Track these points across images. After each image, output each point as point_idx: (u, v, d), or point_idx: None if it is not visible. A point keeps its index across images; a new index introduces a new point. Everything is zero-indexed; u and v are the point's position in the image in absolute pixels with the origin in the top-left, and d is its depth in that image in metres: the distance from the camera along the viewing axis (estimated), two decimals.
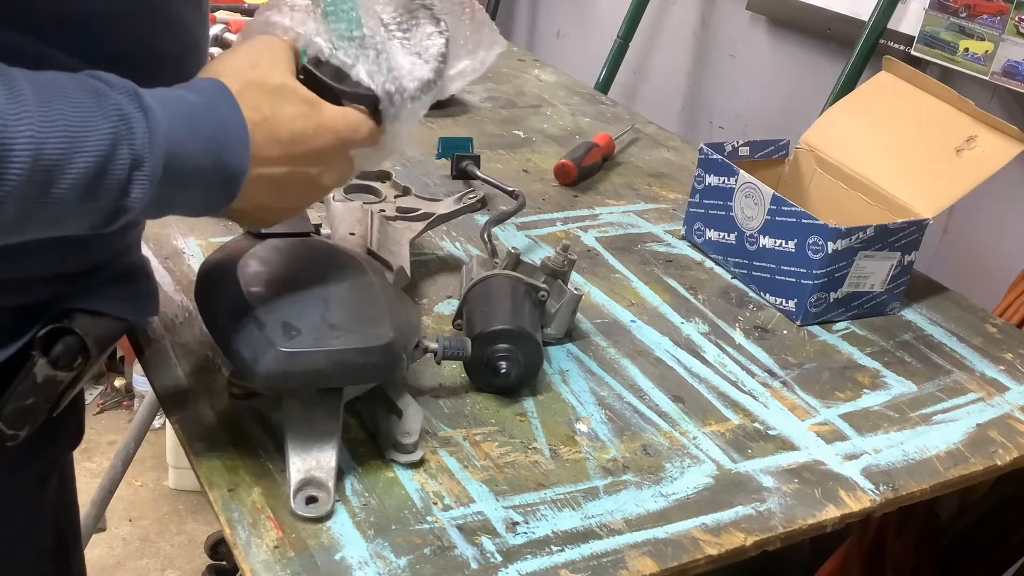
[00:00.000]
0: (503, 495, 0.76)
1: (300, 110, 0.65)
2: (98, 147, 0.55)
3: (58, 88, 0.56)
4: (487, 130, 1.51)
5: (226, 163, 0.62)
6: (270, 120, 0.64)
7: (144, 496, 2.19)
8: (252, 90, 0.64)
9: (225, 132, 0.62)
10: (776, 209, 1.07)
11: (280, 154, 0.65)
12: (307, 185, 0.68)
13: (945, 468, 0.86)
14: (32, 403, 0.68)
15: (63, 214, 0.57)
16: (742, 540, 0.74)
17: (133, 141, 0.56)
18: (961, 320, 1.12)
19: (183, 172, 0.59)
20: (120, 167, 0.56)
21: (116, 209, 0.58)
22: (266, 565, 0.66)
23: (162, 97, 0.60)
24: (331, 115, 0.67)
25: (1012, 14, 1.49)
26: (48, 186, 0.54)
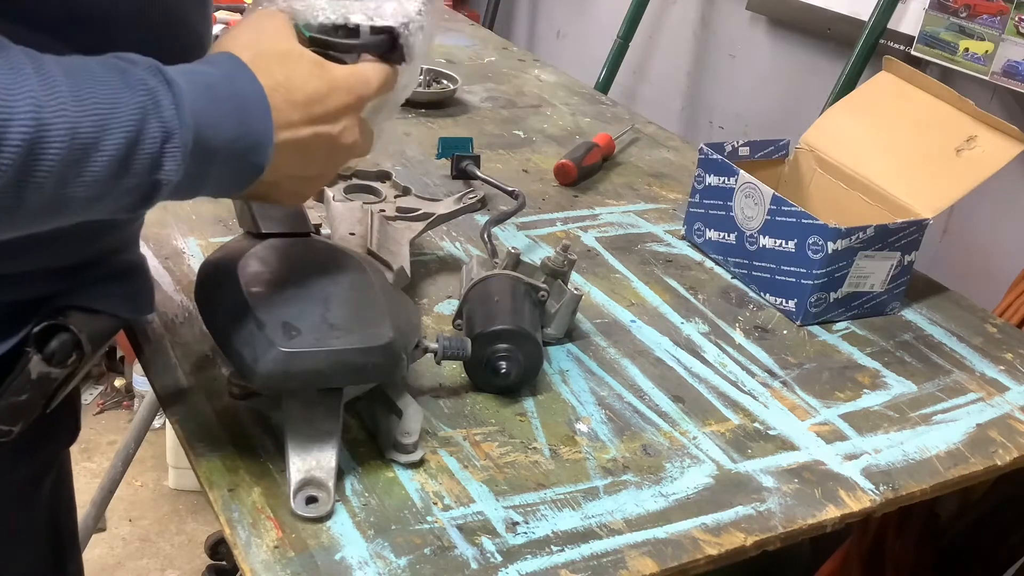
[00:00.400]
0: (503, 495, 0.76)
1: (312, 71, 0.67)
2: (129, 122, 0.56)
3: (85, 69, 0.56)
4: (487, 130, 1.51)
5: (251, 131, 0.63)
6: (285, 84, 0.65)
7: (144, 496, 2.19)
8: (263, 58, 0.65)
9: (246, 100, 0.63)
10: (776, 209, 1.07)
11: (301, 116, 0.66)
12: (331, 146, 0.68)
13: (945, 468, 0.86)
14: (26, 399, 0.68)
15: (100, 193, 0.57)
16: (742, 540, 0.74)
17: (162, 114, 0.57)
18: (961, 320, 1.12)
19: (212, 144, 0.60)
20: (152, 140, 0.57)
21: (152, 185, 0.58)
22: (266, 565, 0.66)
23: (183, 71, 0.61)
24: (341, 73, 0.68)
25: (1012, 14, 1.49)
26: (84, 165, 0.55)
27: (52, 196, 0.55)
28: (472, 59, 1.86)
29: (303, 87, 0.66)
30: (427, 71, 1.63)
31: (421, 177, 1.29)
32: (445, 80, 1.63)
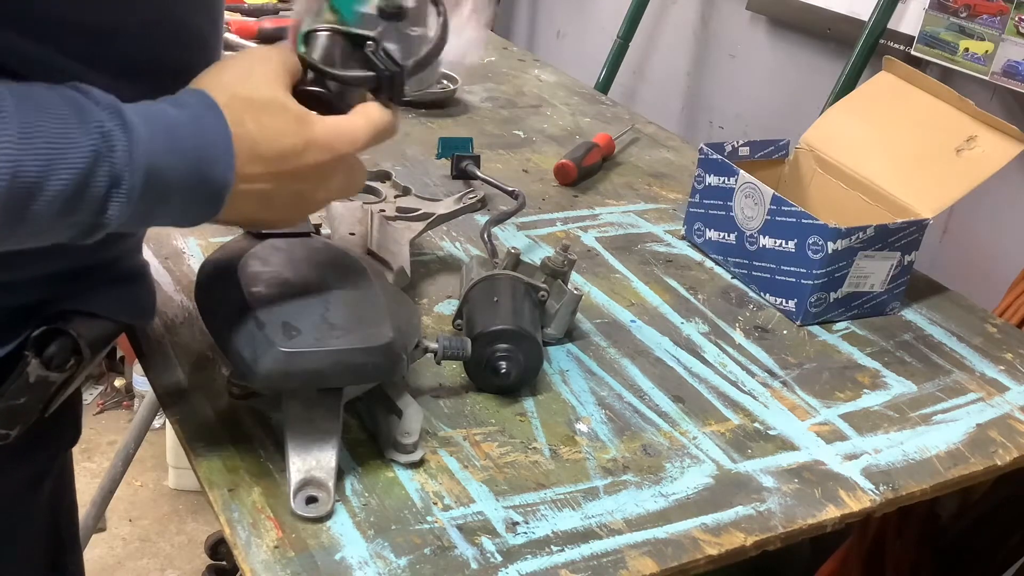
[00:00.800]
0: (503, 495, 0.76)
1: (288, 127, 0.64)
2: (78, 164, 0.55)
3: (41, 103, 0.55)
4: (487, 130, 1.51)
5: (209, 178, 0.61)
6: (255, 136, 0.62)
7: (144, 496, 2.19)
8: (239, 103, 0.62)
9: (208, 146, 0.60)
10: (776, 209, 1.07)
11: (264, 171, 0.63)
12: (297, 200, 0.67)
13: (945, 468, 0.86)
14: (24, 403, 0.68)
15: (40, 229, 0.56)
16: (742, 540, 0.74)
17: (113, 159, 0.56)
18: (961, 320, 1.12)
19: (163, 187, 0.59)
20: (99, 184, 0.56)
21: (93, 224, 0.58)
22: (266, 565, 0.66)
23: (144, 112, 0.59)
24: (323, 130, 0.65)
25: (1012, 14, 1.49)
26: (27, 203, 0.54)
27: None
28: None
29: (275, 141, 0.63)
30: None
31: (421, 177, 1.29)
32: (445, 80, 1.63)
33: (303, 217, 0.72)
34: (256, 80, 0.64)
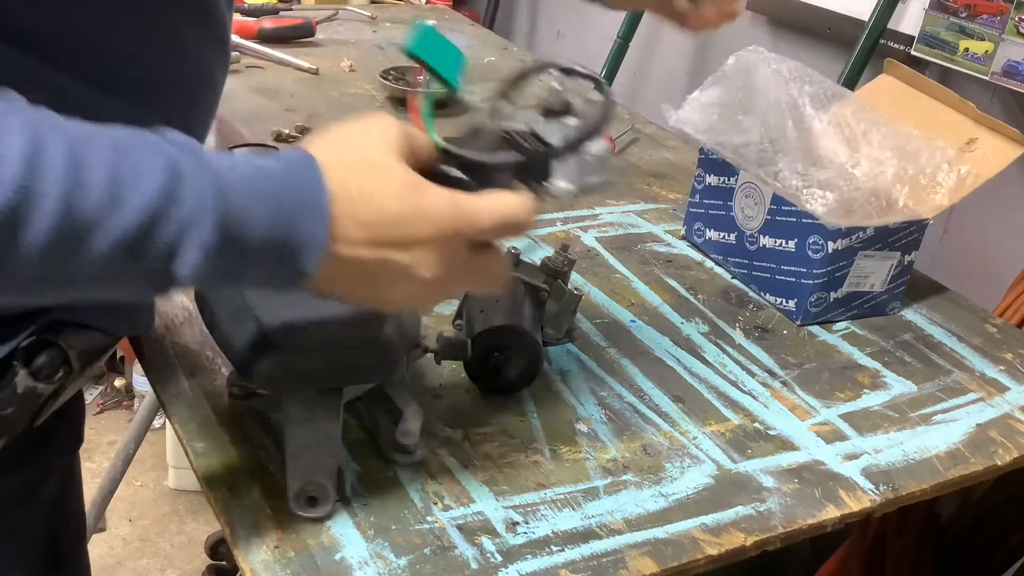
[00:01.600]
0: (503, 495, 0.76)
1: (397, 190, 0.58)
2: (143, 203, 0.50)
3: (108, 137, 0.51)
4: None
5: (297, 236, 0.55)
6: (356, 197, 0.57)
7: (144, 496, 2.19)
8: (343, 164, 0.58)
9: (298, 200, 0.55)
10: (776, 209, 1.07)
11: (364, 237, 0.57)
12: (405, 278, 0.59)
13: (945, 468, 0.86)
14: (10, 413, 0.67)
15: (104, 274, 0.51)
16: (742, 540, 0.74)
17: (182, 201, 0.51)
18: (961, 320, 1.12)
19: (242, 240, 0.53)
20: (170, 226, 0.51)
21: (165, 274, 0.52)
22: (266, 565, 0.66)
23: (230, 159, 0.55)
24: (438, 201, 0.59)
25: (1012, 14, 1.49)
26: (83, 241, 0.49)
27: (44, 269, 0.49)
28: (472, 59, 1.85)
29: (379, 205, 0.58)
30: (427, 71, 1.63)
31: None
32: None
33: (419, 303, 0.65)
34: (369, 144, 0.60)
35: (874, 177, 1.04)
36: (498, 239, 0.64)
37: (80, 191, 0.48)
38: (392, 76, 1.60)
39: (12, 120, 0.48)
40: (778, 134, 1.07)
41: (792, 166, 1.05)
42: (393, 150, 0.60)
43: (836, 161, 1.05)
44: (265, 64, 1.68)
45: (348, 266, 0.58)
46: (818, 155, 1.06)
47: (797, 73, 1.11)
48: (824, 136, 1.08)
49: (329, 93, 1.59)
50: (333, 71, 1.70)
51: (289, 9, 1.99)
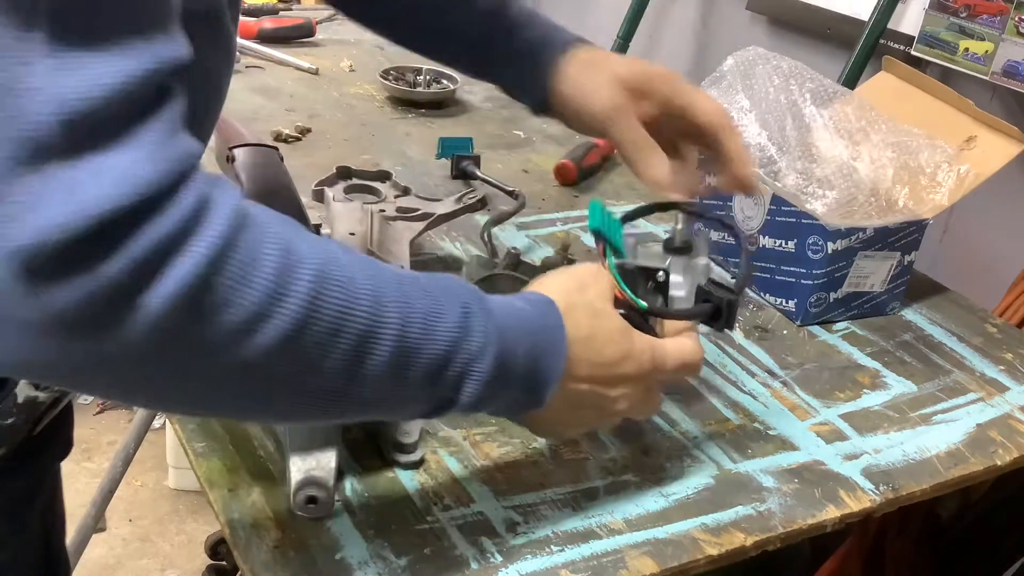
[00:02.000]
0: (503, 495, 0.76)
1: (615, 336, 0.68)
2: (447, 337, 0.58)
3: (415, 280, 0.59)
4: (487, 130, 1.51)
5: (542, 370, 0.64)
6: (587, 340, 0.66)
7: (144, 496, 2.19)
8: (577, 309, 0.67)
9: (547, 342, 0.64)
10: (776, 209, 1.07)
11: (588, 374, 0.67)
12: (599, 408, 0.69)
13: (945, 468, 0.86)
14: (12, 422, 0.67)
15: (406, 398, 0.59)
16: (742, 540, 0.74)
17: (472, 337, 0.59)
18: (961, 320, 1.12)
19: (505, 372, 0.61)
20: (461, 359, 0.59)
21: (447, 400, 0.60)
22: (266, 565, 0.66)
23: (499, 300, 0.63)
24: (641, 346, 0.69)
25: (1012, 14, 1.49)
26: (404, 369, 0.56)
27: (372, 393, 0.56)
28: None
29: (602, 349, 0.67)
30: (427, 71, 1.63)
31: (421, 177, 1.29)
32: (445, 80, 1.63)
33: (599, 426, 0.75)
34: (591, 291, 0.69)
35: (874, 176, 1.04)
36: (677, 379, 0.77)
37: (408, 324, 0.56)
38: (392, 76, 1.60)
39: (353, 260, 0.55)
40: (777, 133, 1.07)
41: (792, 165, 1.05)
42: (608, 296, 0.70)
43: (836, 160, 1.05)
44: (265, 64, 1.68)
45: (566, 398, 0.67)
46: (818, 154, 1.06)
47: (796, 72, 1.11)
48: (824, 135, 1.08)
49: (329, 93, 1.59)
50: (333, 71, 1.70)
51: (289, 9, 1.99)
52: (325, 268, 0.52)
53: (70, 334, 0.44)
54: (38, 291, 0.43)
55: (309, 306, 0.51)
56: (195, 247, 0.46)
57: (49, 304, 0.43)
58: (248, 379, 0.52)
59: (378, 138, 1.42)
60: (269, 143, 0.99)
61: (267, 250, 0.49)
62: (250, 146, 0.96)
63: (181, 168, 0.46)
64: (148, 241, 0.44)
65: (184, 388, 0.51)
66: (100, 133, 0.44)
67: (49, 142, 0.42)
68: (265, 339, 0.49)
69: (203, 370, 0.50)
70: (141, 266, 0.44)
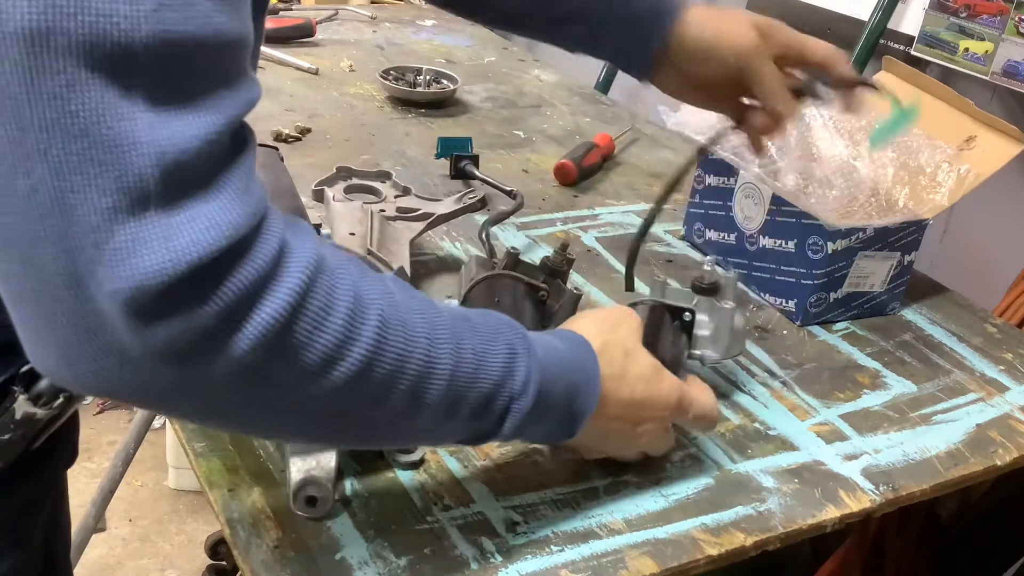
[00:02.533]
0: (503, 495, 0.76)
1: (645, 374, 0.73)
2: (494, 375, 0.61)
3: (465, 319, 0.63)
4: (487, 130, 1.51)
5: (576, 406, 0.68)
6: (619, 378, 0.71)
7: (144, 496, 2.19)
8: (611, 348, 0.71)
9: (582, 380, 0.68)
10: (776, 209, 1.07)
11: (618, 411, 0.71)
12: (627, 440, 0.75)
13: (945, 468, 0.86)
14: (9, 439, 0.67)
15: (453, 429, 0.63)
16: (742, 540, 0.74)
17: (516, 375, 0.63)
18: (961, 320, 1.12)
19: (543, 408, 0.65)
20: (505, 396, 0.62)
21: (488, 432, 0.64)
22: (266, 565, 0.66)
23: (539, 339, 0.67)
24: (668, 387, 0.74)
25: (1012, 14, 1.49)
26: (455, 404, 0.60)
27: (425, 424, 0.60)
28: (472, 59, 1.85)
29: (632, 387, 0.71)
30: (427, 71, 1.63)
31: (421, 177, 1.29)
32: (445, 80, 1.63)
33: (621, 455, 0.79)
34: (623, 331, 0.74)
35: (874, 176, 1.04)
36: (693, 428, 0.82)
37: (460, 364, 0.60)
38: (392, 76, 1.60)
39: (408, 300, 0.59)
40: None
41: (792, 165, 1.05)
42: (638, 338, 0.75)
43: (836, 159, 1.05)
44: (265, 64, 1.68)
45: (597, 429, 0.71)
46: (818, 154, 1.06)
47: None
48: (824, 135, 1.07)
49: (329, 93, 1.59)
50: (333, 71, 1.70)
51: (289, 9, 1.99)
52: (386, 312, 0.56)
53: (164, 366, 0.48)
54: (138, 328, 0.47)
55: (375, 349, 0.54)
56: (277, 293, 0.50)
57: (147, 340, 0.47)
58: (316, 412, 0.56)
59: (378, 138, 1.42)
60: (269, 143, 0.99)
61: (339, 295, 0.53)
62: None
63: (261, 211, 0.50)
64: (236, 286, 0.48)
65: (257, 417, 0.55)
66: (193, 182, 0.47)
67: (149, 192, 0.45)
68: (335, 379, 0.53)
69: (277, 403, 0.54)
70: (230, 310, 0.48)
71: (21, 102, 0.44)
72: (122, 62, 0.44)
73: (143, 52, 0.45)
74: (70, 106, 0.44)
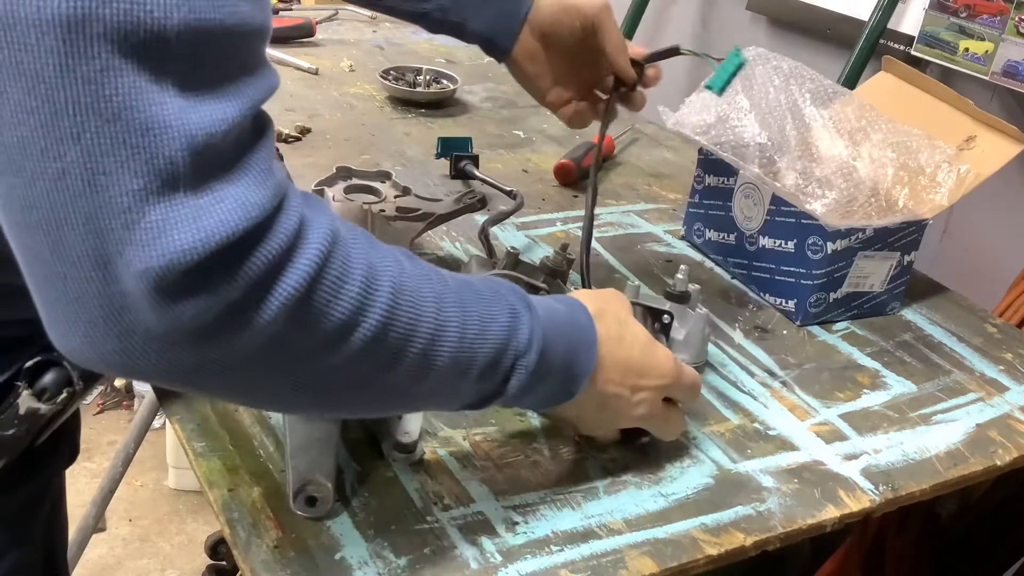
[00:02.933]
0: (503, 495, 0.76)
1: (641, 344, 0.75)
2: (499, 335, 0.63)
3: (469, 284, 0.64)
4: (487, 130, 1.51)
5: (576, 364, 0.70)
6: (616, 341, 0.73)
7: (144, 496, 2.20)
8: (606, 315, 0.74)
9: (580, 339, 0.70)
10: (776, 209, 1.07)
11: (615, 376, 0.73)
12: (623, 409, 0.75)
13: (945, 468, 0.86)
14: (12, 434, 0.68)
15: (462, 391, 0.64)
16: (742, 540, 0.74)
17: (520, 333, 0.65)
18: (961, 320, 1.12)
19: (546, 366, 0.67)
20: (511, 354, 0.64)
21: (494, 393, 0.66)
22: (266, 565, 0.66)
23: (539, 301, 0.69)
24: (663, 358, 0.76)
25: (1012, 14, 1.49)
26: (463, 366, 0.62)
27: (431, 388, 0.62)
28: (472, 59, 1.85)
29: (628, 351, 0.74)
30: (427, 71, 1.63)
31: (421, 177, 1.29)
32: (445, 80, 1.63)
33: (617, 427, 0.79)
34: (616, 304, 0.76)
35: (874, 176, 1.04)
36: (684, 398, 0.80)
37: (466, 327, 0.61)
38: (392, 76, 1.60)
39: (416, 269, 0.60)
40: (777, 134, 1.07)
41: (792, 165, 1.05)
42: (630, 313, 0.77)
43: (836, 159, 1.05)
44: None
45: (594, 395, 0.73)
46: (818, 154, 1.06)
47: (796, 72, 1.11)
48: (824, 135, 1.08)
49: (329, 93, 1.59)
50: (333, 71, 1.70)
51: (289, 9, 1.99)
52: (397, 279, 0.57)
53: (190, 344, 0.49)
54: (166, 307, 0.48)
55: (388, 314, 0.56)
56: (298, 264, 0.51)
57: (175, 318, 0.48)
58: (334, 379, 0.57)
59: (378, 138, 1.42)
60: None
61: (354, 264, 0.55)
62: None
63: (282, 191, 0.51)
64: (261, 262, 0.50)
65: (278, 388, 0.56)
66: (220, 164, 0.49)
67: (179, 174, 0.47)
68: (352, 344, 0.55)
69: (297, 372, 0.55)
70: (255, 286, 0.50)
71: (55, 87, 0.44)
72: (155, 48, 0.46)
73: (175, 38, 0.46)
74: (104, 91, 0.45)
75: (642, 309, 0.86)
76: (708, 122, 1.11)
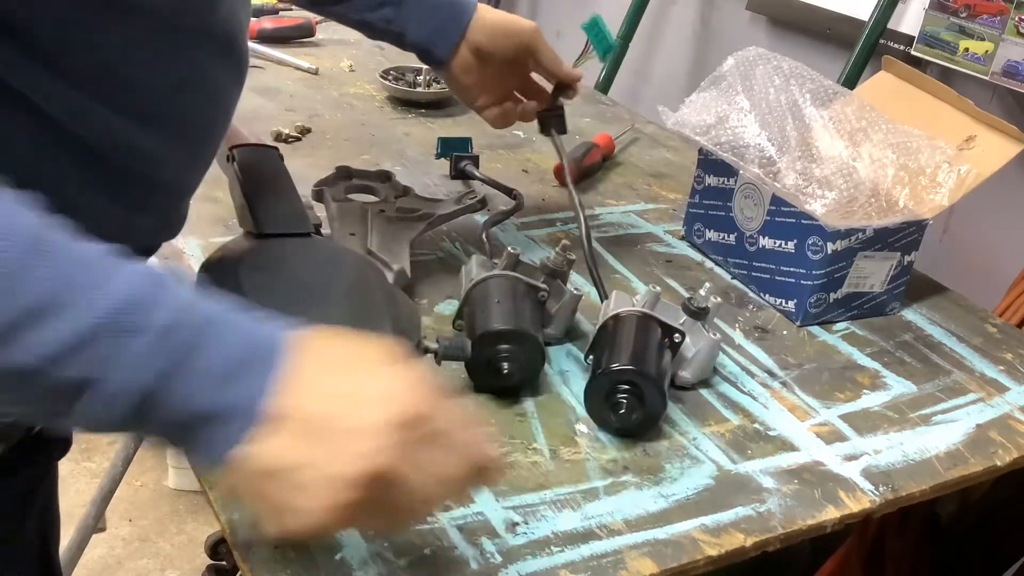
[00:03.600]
0: (503, 495, 0.76)
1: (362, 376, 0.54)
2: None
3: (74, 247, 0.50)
4: (487, 130, 1.50)
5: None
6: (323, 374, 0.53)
7: (144, 496, 2.19)
8: (342, 350, 0.55)
9: (251, 349, 0.52)
10: (776, 210, 1.07)
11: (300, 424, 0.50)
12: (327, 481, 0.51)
13: (945, 468, 0.86)
14: (11, 421, 0.67)
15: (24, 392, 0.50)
16: (742, 541, 0.74)
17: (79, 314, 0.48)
18: (961, 320, 1.12)
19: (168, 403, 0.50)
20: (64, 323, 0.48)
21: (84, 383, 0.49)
22: (266, 565, 0.66)
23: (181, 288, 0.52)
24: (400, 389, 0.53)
25: (1012, 14, 1.50)
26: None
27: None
28: None
29: (340, 384, 0.53)
30: (427, 71, 1.63)
31: (421, 177, 1.29)
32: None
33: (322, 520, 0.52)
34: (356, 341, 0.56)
35: (874, 176, 1.04)
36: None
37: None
38: (392, 76, 1.60)
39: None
40: (777, 134, 1.07)
41: (792, 165, 1.05)
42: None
43: (836, 160, 1.05)
44: (265, 64, 1.68)
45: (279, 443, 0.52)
46: (818, 154, 1.06)
47: (796, 72, 1.11)
48: (824, 135, 1.08)
49: (329, 93, 1.59)
50: (333, 71, 1.70)
51: (289, 9, 1.99)
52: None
53: None
54: None
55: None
56: None
57: None
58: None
59: (378, 138, 1.42)
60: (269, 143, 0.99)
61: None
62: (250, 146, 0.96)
63: None
64: None
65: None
66: None
67: None
68: None
69: None
70: None
71: None
72: None
73: None
74: None
75: (655, 322, 0.85)
76: (708, 122, 1.11)
